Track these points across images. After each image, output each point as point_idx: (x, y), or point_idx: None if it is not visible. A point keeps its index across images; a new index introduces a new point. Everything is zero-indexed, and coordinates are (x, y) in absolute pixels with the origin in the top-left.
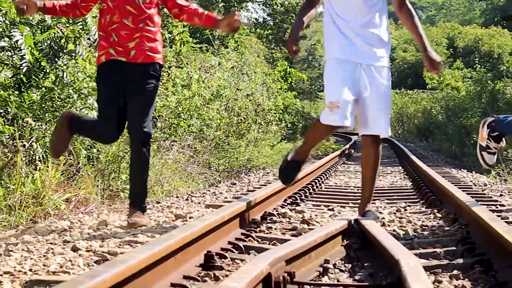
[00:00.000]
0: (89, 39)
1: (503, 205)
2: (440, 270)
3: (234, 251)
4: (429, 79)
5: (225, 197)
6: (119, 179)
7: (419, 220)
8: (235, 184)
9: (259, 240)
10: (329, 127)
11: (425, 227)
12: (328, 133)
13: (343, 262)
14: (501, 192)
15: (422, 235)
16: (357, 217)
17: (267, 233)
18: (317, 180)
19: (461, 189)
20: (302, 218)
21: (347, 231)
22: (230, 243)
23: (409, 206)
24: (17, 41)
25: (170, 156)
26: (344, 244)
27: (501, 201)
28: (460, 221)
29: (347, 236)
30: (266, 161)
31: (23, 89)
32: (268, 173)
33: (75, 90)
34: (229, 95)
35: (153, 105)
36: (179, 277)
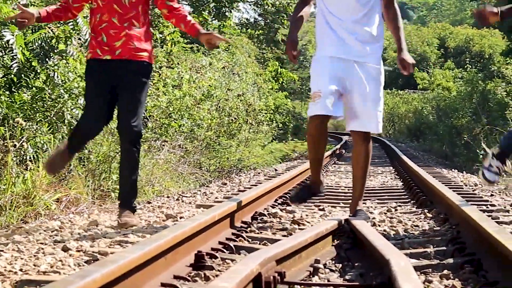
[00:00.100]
0: (79, 39)
1: (493, 205)
2: (430, 270)
3: (224, 251)
4: (420, 79)
5: (216, 197)
6: (110, 179)
7: (410, 220)
8: (226, 184)
9: (250, 240)
10: (316, 121)
11: (415, 227)
12: (316, 128)
13: (334, 262)
14: (492, 192)
15: (412, 235)
16: (348, 216)
17: (258, 233)
18: (308, 180)
19: (451, 189)
20: (292, 218)
21: (337, 231)
22: (220, 243)
23: (399, 206)
24: (8, 41)
25: (161, 156)
26: (334, 244)
27: (491, 201)
28: (450, 221)
29: (338, 236)
30: (257, 161)
31: (13, 89)
32: (259, 173)
33: (66, 90)
34: (220, 95)
35: (141, 104)
36: (169, 277)
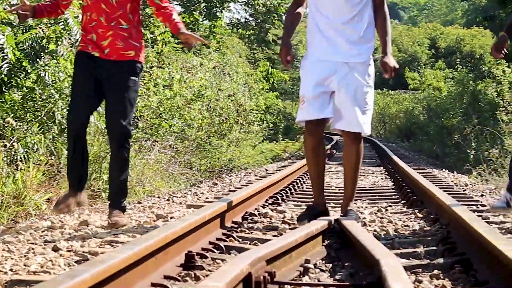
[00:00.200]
0: (70, 39)
1: (484, 205)
2: (420, 269)
3: (215, 251)
4: (411, 79)
5: (207, 197)
6: (101, 179)
7: (400, 220)
8: (216, 184)
9: (240, 240)
10: (307, 127)
11: (406, 227)
12: (309, 137)
13: (324, 262)
14: (482, 192)
15: (403, 235)
16: (338, 216)
17: (248, 233)
18: (299, 180)
19: (442, 189)
20: (283, 218)
21: (328, 231)
22: (211, 243)
23: (390, 206)
24: None
25: (151, 156)
26: (325, 244)
27: (482, 201)
28: (441, 221)
29: (328, 236)
30: (247, 161)
31: (4, 89)
32: (249, 173)
33: (56, 90)
34: (210, 95)
35: (130, 103)
36: (159, 277)
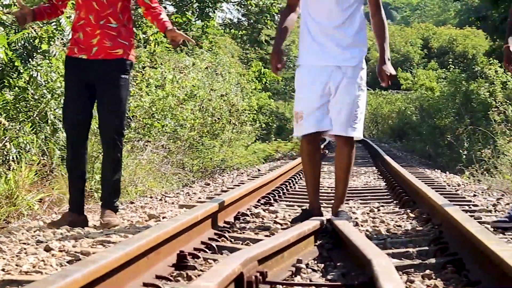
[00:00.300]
0: (62, 39)
1: (476, 205)
2: (412, 269)
3: (207, 251)
4: (403, 79)
5: (199, 197)
6: (93, 180)
7: (392, 220)
8: (209, 184)
9: (232, 240)
10: (306, 139)
11: (398, 227)
12: (307, 146)
13: (316, 262)
14: (475, 192)
15: (395, 235)
16: (330, 217)
17: (240, 233)
18: (291, 180)
19: (434, 190)
20: (275, 218)
21: (320, 231)
22: (203, 243)
23: (382, 206)
24: None
25: (144, 156)
26: (317, 244)
27: (474, 201)
28: (433, 221)
29: (320, 236)
30: (240, 162)
31: None
32: (242, 173)
33: (48, 90)
34: (203, 95)
35: (122, 102)
36: (151, 277)
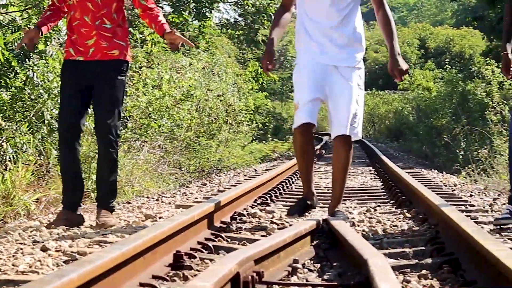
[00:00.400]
0: (59, 39)
1: (472, 205)
2: (409, 269)
3: (203, 251)
4: None
5: (196, 198)
6: (90, 180)
7: (389, 220)
8: (205, 184)
9: (229, 240)
10: (299, 130)
11: (394, 227)
12: (300, 137)
13: (312, 262)
14: (471, 192)
15: (391, 235)
16: (326, 217)
17: (237, 233)
18: (288, 180)
19: (431, 190)
20: (272, 218)
21: (316, 231)
22: (199, 243)
23: (379, 206)
24: None
25: (140, 156)
26: (313, 244)
27: (470, 201)
28: (429, 221)
29: (317, 236)
30: (237, 162)
31: None
32: (238, 173)
33: (45, 90)
34: (200, 95)
35: (118, 102)
36: (148, 277)
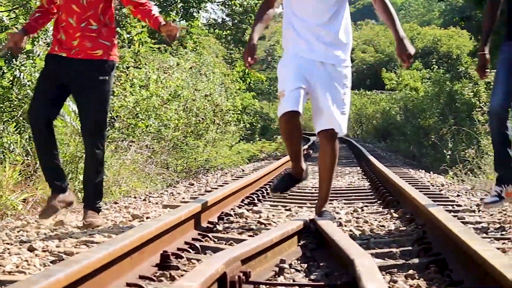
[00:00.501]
0: (46, 39)
1: (459, 205)
2: (395, 269)
3: (190, 251)
4: (387, 79)
5: (183, 198)
6: (77, 180)
7: (376, 220)
8: (193, 184)
9: (216, 240)
10: (284, 118)
11: (381, 227)
12: (286, 124)
13: (299, 262)
14: (458, 192)
15: (378, 235)
16: (313, 217)
17: (224, 233)
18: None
19: (418, 190)
20: (259, 218)
21: (303, 231)
22: (186, 243)
23: (366, 206)
24: None
25: (128, 156)
26: (300, 244)
27: (458, 202)
28: (416, 221)
29: (304, 236)
30: (224, 162)
31: None
32: (226, 173)
33: (32, 90)
34: (187, 95)
35: (102, 102)
36: (134, 277)
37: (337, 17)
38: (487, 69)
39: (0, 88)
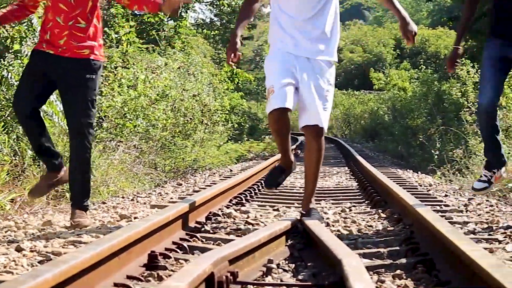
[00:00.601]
0: (34, 39)
1: (447, 205)
2: (383, 270)
3: (178, 251)
4: (376, 79)
5: (171, 198)
6: None
7: (364, 220)
8: (181, 184)
9: (204, 240)
10: (273, 115)
11: (369, 227)
12: (275, 121)
13: (287, 262)
14: (446, 192)
15: (366, 235)
16: (301, 214)
17: (212, 233)
18: (263, 180)
19: (406, 190)
20: (247, 218)
21: (291, 231)
22: (174, 243)
23: (354, 206)
24: None
25: (116, 156)
26: (288, 244)
27: (445, 202)
28: (404, 222)
29: (291, 236)
30: (212, 162)
31: None
32: (214, 173)
33: None
34: (175, 95)
35: (89, 100)
36: (122, 277)
37: (324, 12)
38: (457, 63)
39: None
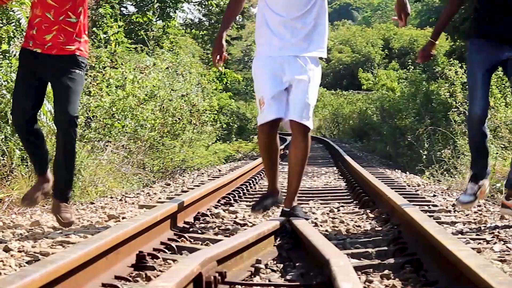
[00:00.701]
0: (22, 39)
1: (435, 206)
2: (371, 270)
3: (166, 251)
4: (364, 80)
5: (159, 198)
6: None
7: (352, 220)
8: (169, 184)
9: (192, 240)
10: (264, 127)
11: (357, 228)
12: (265, 133)
13: (275, 262)
14: (434, 192)
15: (354, 235)
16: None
17: (200, 234)
18: (252, 180)
19: (394, 190)
20: (235, 218)
21: (279, 231)
22: (162, 243)
23: (342, 206)
24: None
25: (104, 156)
26: (276, 244)
27: (434, 202)
28: (392, 222)
29: (280, 236)
30: (200, 162)
31: None
32: (202, 173)
33: (8, 90)
34: (163, 95)
35: (75, 94)
36: (110, 277)
37: (313, 10)
38: (431, 56)
39: None
